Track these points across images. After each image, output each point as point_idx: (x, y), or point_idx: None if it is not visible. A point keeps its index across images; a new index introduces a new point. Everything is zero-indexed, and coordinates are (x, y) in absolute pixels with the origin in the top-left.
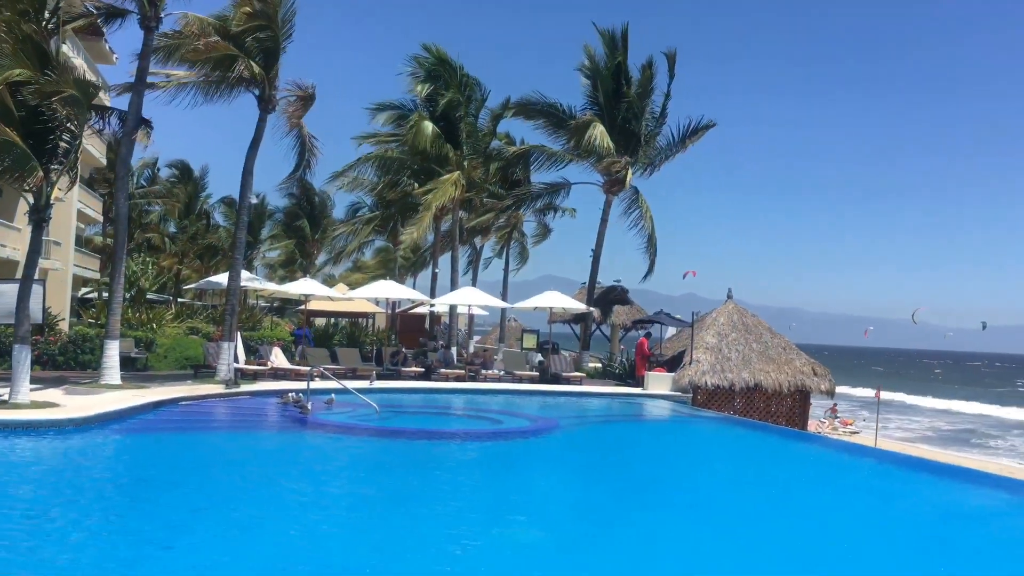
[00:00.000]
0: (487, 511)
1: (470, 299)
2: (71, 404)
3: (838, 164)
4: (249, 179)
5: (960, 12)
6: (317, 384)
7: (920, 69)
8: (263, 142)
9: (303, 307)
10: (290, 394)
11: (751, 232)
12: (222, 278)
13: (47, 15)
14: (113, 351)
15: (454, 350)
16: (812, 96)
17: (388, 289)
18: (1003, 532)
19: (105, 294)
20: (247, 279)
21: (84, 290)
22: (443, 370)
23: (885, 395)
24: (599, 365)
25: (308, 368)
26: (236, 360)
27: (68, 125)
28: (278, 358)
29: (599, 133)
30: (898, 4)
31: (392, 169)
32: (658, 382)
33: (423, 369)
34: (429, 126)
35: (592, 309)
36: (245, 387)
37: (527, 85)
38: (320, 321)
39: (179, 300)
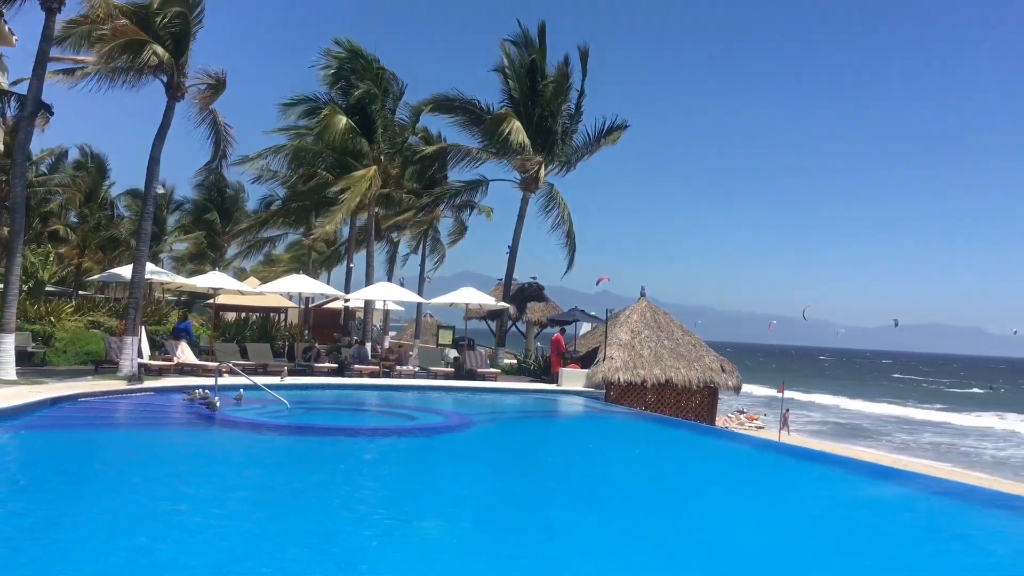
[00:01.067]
0: (398, 508)
1: (385, 294)
2: None
3: (750, 162)
4: (155, 168)
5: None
6: (226, 380)
7: (833, 61)
8: (173, 131)
9: (212, 301)
10: (197, 390)
11: (665, 231)
12: (126, 270)
13: None
14: (8, 345)
15: (369, 346)
16: (727, 95)
17: (301, 283)
18: (896, 520)
19: (0, 286)
20: (152, 272)
21: None
22: (357, 366)
23: (772, 392)
24: (514, 361)
25: (216, 364)
26: (140, 355)
27: None
28: (184, 353)
29: (515, 128)
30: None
31: (306, 161)
32: (572, 378)
33: (336, 365)
34: (341, 119)
35: (508, 306)
36: (149, 383)
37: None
38: (230, 316)
39: (80, 293)
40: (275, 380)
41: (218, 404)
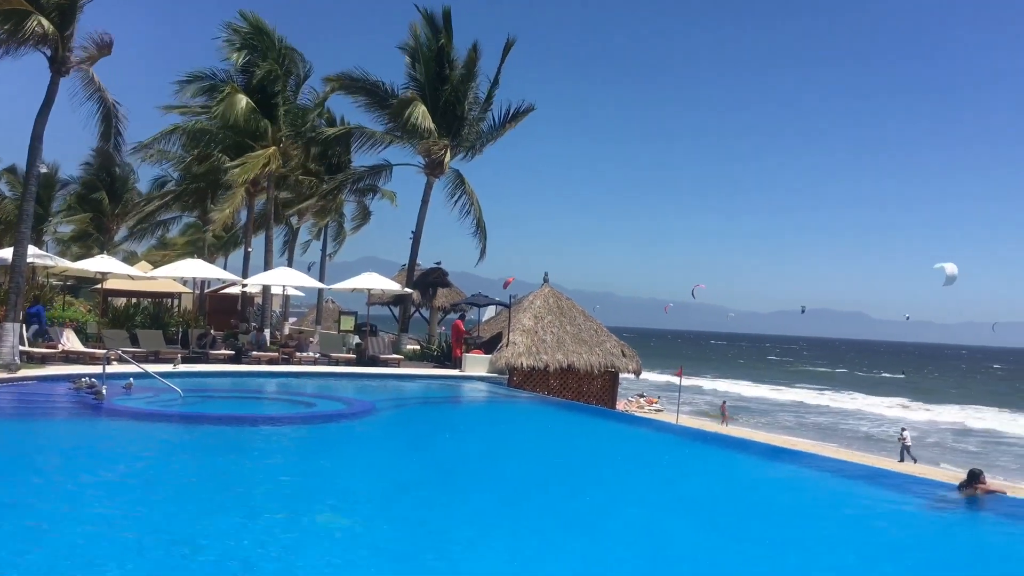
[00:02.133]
0: (295, 497)
1: (285, 280)
2: None
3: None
4: (38, 146)
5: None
6: (115, 368)
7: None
8: (59, 107)
9: (100, 286)
10: (83, 379)
11: (569, 217)
12: (6, 253)
13: None
14: None
15: (267, 332)
16: (628, 81)
17: (196, 268)
18: (785, 492)
19: None
20: (35, 255)
21: None
22: (255, 353)
23: (666, 377)
24: (418, 347)
25: (104, 351)
26: (22, 342)
27: None
28: (70, 340)
29: (420, 113)
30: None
31: (202, 142)
32: (475, 364)
33: (233, 352)
34: (243, 99)
35: (412, 291)
36: (32, 371)
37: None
38: (120, 301)
39: None
40: (168, 368)
41: (105, 393)
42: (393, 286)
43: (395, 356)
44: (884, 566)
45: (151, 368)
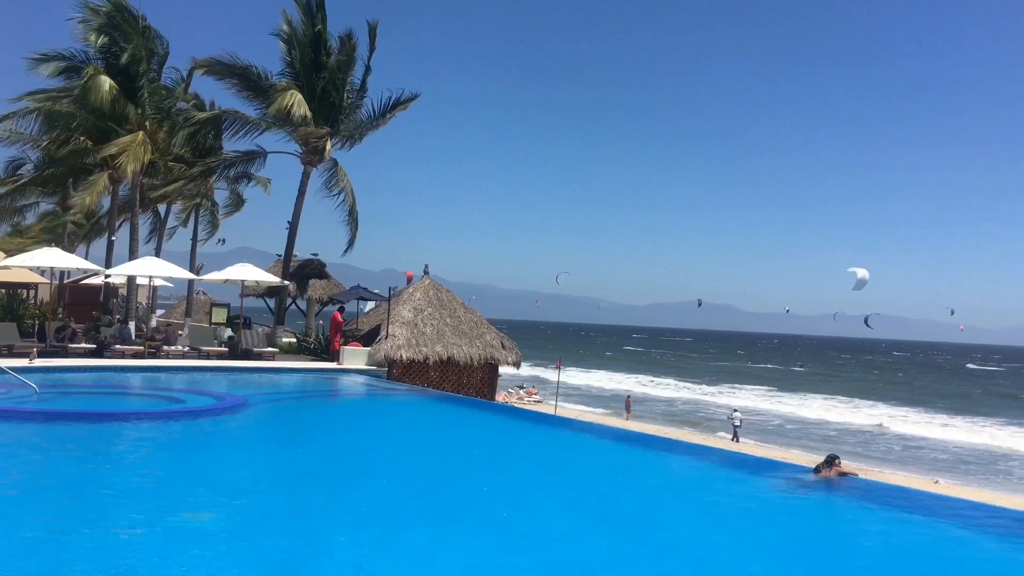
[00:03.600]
0: (158, 497)
1: (151, 270)
2: None
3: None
4: None
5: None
6: None
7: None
8: None
9: None
10: None
11: (450, 210)
12: None
13: None
14: None
15: (132, 325)
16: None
17: (54, 257)
18: (658, 477)
19: None
20: None
21: None
22: (119, 346)
23: (538, 370)
24: (294, 340)
25: None
26: None
27: None
28: None
29: (296, 101)
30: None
31: (61, 124)
32: (353, 356)
33: (95, 345)
34: (106, 81)
35: (287, 283)
36: None
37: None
38: None
39: None
40: (23, 363)
41: None
42: (268, 277)
43: (270, 349)
44: (747, 540)
45: (4, 363)
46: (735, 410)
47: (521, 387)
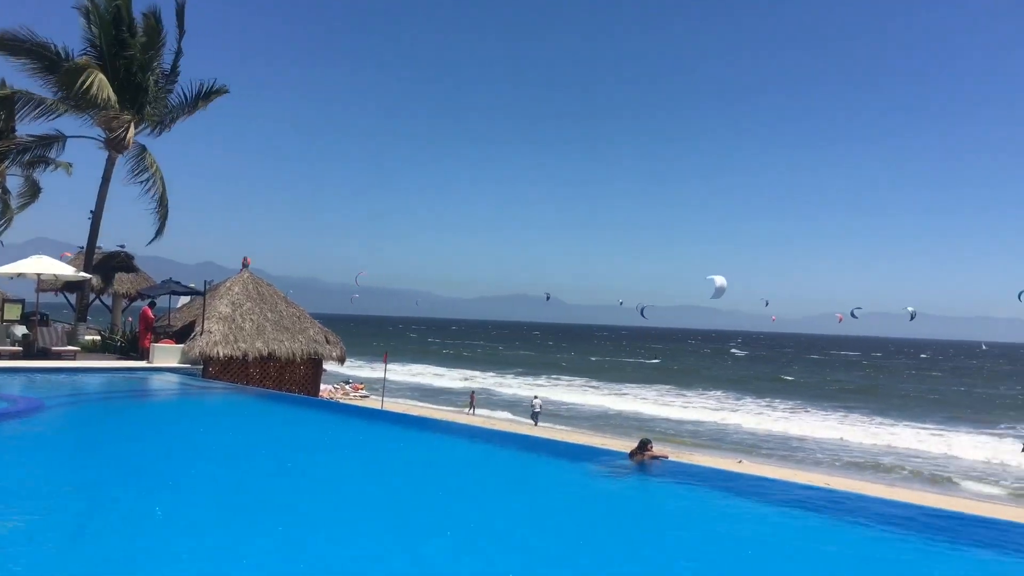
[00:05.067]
0: None
1: None
2: None
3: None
4: None
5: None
6: None
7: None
8: None
9: None
10: None
11: (274, 201)
12: None
13: None
14: None
15: None
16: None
17: None
18: (480, 468)
19: None
20: None
21: None
22: None
23: (363, 364)
24: (98, 338)
25: None
26: None
27: None
28: None
29: (98, 81)
30: None
31: None
32: (165, 354)
33: None
34: None
35: (90, 276)
36: None
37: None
38: None
39: None
40: None
41: None
42: (67, 270)
43: (71, 348)
44: (567, 522)
45: None
46: (536, 397)
47: (347, 382)
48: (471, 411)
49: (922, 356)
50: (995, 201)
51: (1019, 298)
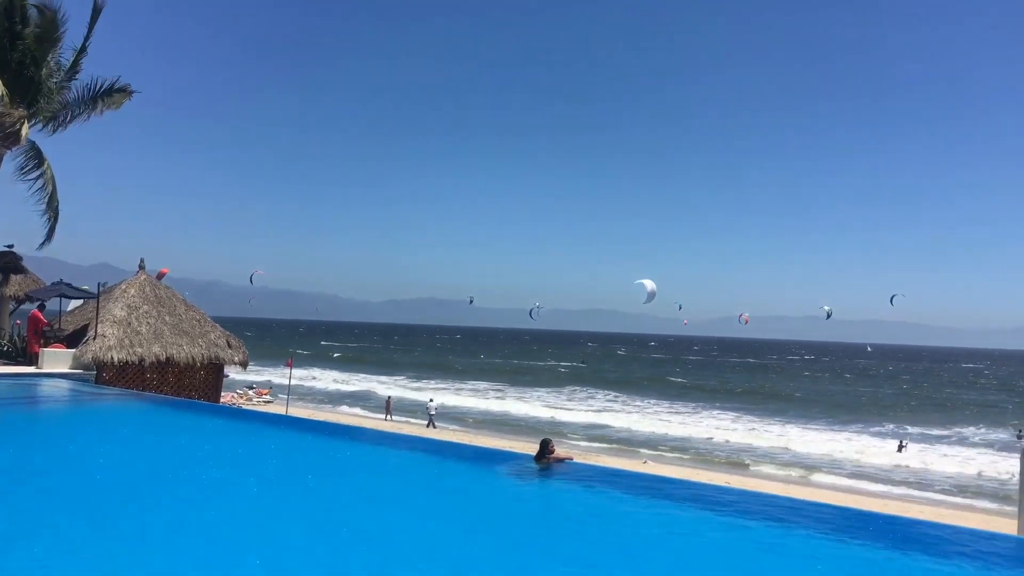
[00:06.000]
0: None
1: None
2: None
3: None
4: None
5: None
6: None
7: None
8: None
9: None
10: None
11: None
12: None
13: None
14: None
15: None
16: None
17: None
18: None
19: None
20: None
21: None
22: None
23: (267, 369)
24: None
25: None
26: None
27: None
28: None
29: None
30: None
31: None
32: (55, 359)
33: None
34: None
35: None
36: None
37: None
38: None
39: None
40: None
41: None
42: None
43: None
44: (478, 524)
45: None
46: (431, 399)
47: (251, 387)
48: (388, 416)
49: (807, 358)
50: (863, 207)
51: (891, 302)
